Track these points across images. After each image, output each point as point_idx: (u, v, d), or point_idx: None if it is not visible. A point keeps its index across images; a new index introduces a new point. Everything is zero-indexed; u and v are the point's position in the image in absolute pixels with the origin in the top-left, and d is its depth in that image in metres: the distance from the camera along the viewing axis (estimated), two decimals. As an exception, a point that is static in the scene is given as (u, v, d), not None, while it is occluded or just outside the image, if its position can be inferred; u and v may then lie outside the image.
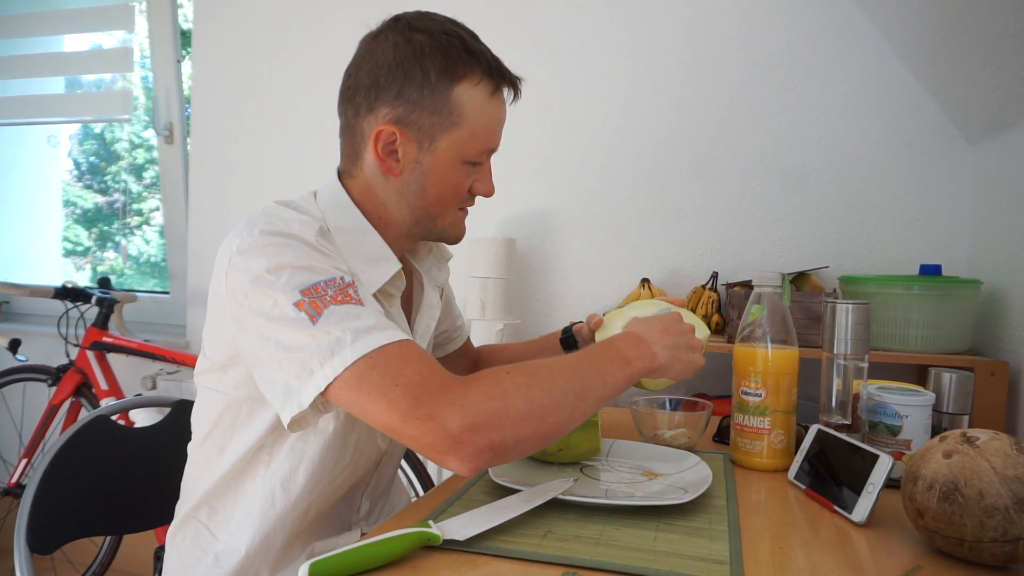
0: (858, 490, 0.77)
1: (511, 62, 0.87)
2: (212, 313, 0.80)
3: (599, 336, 1.02)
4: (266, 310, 0.71)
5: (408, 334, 0.92)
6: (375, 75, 0.82)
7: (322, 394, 0.68)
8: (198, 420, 0.88)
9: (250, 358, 0.75)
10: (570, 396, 0.72)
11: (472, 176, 0.88)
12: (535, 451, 0.72)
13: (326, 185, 0.89)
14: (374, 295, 0.86)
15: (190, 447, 0.90)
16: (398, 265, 0.87)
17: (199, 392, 0.87)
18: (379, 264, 0.85)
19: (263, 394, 0.74)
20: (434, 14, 0.85)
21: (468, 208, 0.92)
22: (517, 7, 1.97)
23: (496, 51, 0.87)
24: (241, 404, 0.82)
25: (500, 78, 0.85)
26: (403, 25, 0.82)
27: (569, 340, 1.13)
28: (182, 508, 0.90)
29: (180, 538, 0.88)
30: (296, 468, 0.83)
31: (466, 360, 1.22)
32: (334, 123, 0.90)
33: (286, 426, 0.71)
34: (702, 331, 0.99)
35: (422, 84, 0.80)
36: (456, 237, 0.93)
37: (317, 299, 0.70)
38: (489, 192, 0.90)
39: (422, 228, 0.90)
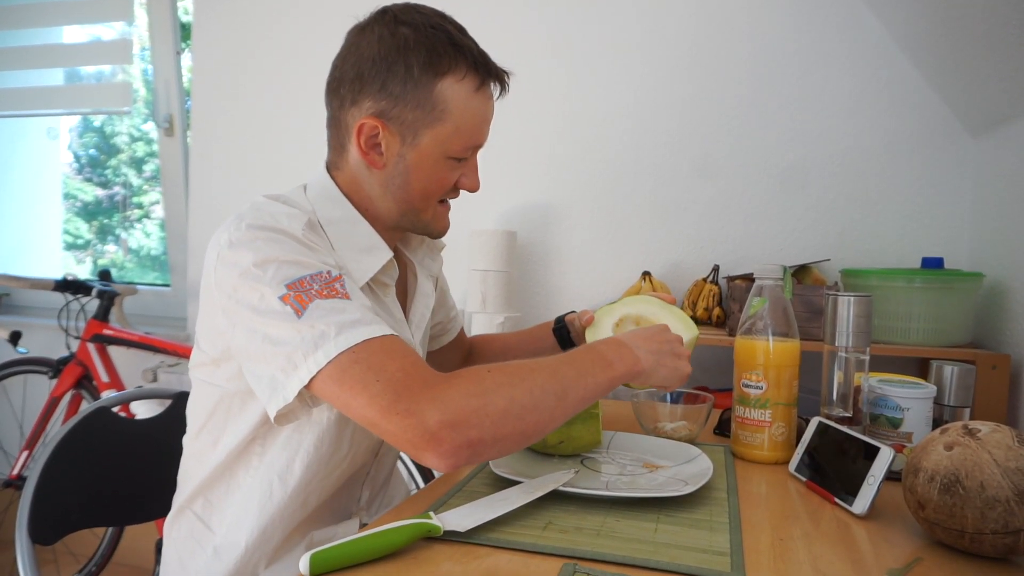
0: (859, 482, 0.77)
1: (513, 57, 0.86)
2: (204, 307, 0.80)
3: (590, 334, 1.02)
4: (253, 304, 0.71)
5: (404, 325, 0.93)
6: (359, 68, 0.81)
7: (306, 387, 0.69)
8: (193, 413, 0.89)
9: (239, 351, 0.75)
10: (550, 396, 0.72)
11: (457, 171, 0.87)
12: (515, 450, 0.72)
13: (315, 178, 0.89)
14: (368, 285, 0.86)
15: (185, 439, 0.90)
16: (389, 254, 0.87)
17: (193, 385, 0.88)
18: (371, 253, 0.86)
19: (252, 387, 0.75)
20: (422, 6, 0.84)
21: (451, 201, 0.92)
22: (521, 2, 1.97)
23: (498, 46, 0.86)
24: (233, 397, 0.82)
25: (486, 73, 0.84)
26: (389, 18, 0.82)
27: (561, 330, 1.13)
28: (177, 500, 0.90)
29: (176, 531, 0.89)
30: (292, 460, 0.83)
31: (459, 351, 1.22)
32: (333, 116, 0.90)
33: (272, 419, 0.72)
34: (690, 330, 0.98)
35: (405, 78, 0.80)
36: (440, 231, 0.93)
37: (303, 293, 0.70)
38: (474, 187, 0.90)
39: (407, 221, 0.90)
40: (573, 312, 1.15)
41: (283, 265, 0.72)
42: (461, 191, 0.91)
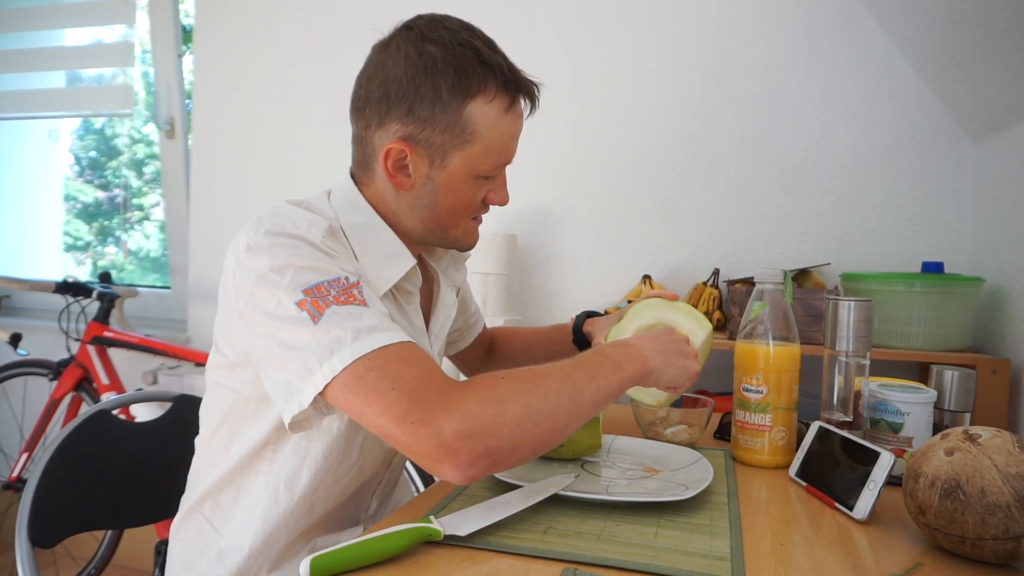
0: (859, 487, 0.77)
1: (514, 61, 0.85)
2: (222, 311, 0.80)
3: None
4: (270, 309, 0.71)
5: (424, 335, 0.92)
6: (385, 88, 0.79)
7: (321, 394, 0.68)
8: (206, 415, 0.88)
9: (256, 356, 0.74)
10: (565, 401, 0.70)
11: (486, 187, 0.86)
12: (531, 458, 0.70)
13: (340, 185, 0.88)
14: (392, 293, 0.85)
15: (197, 441, 0.90)
16: (413, 261, 0.86)
17: (208, 387, 0.87)
18: (393, 261, 0.85)
19: (268, 393, 0.74)
20: (448, 20, 0.82)
21: (482, 216, 0.91)
22: (521, 6, 1.97)
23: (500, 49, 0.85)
24: (248, 402, 0.82)
25: (516, 90, 0.82)
26: (415, 34, 0.79)
27: (582, 343, 1.13)
28: (186, 501, 0.90)
29: (183, 531, 0.89)
30: (300, 467, 0.83)
31: (481, 347, 1.23)
32: (335, 118, 0.90)
33: (287, 426, 0.71)
34: (703, 327, 0.98)
35: (433, 101, 0.78)
36: (469, 245, 0.92)
37: (319, 299, 0.70)
38: (504, 202, 0.89)
39: (435, 237, 0.89)
40: (594, 314, 1.14)
41: (300, 271, 0.72)
42: (490, 206, 0.90)
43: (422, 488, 1.69)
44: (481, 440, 0.64)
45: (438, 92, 0.78)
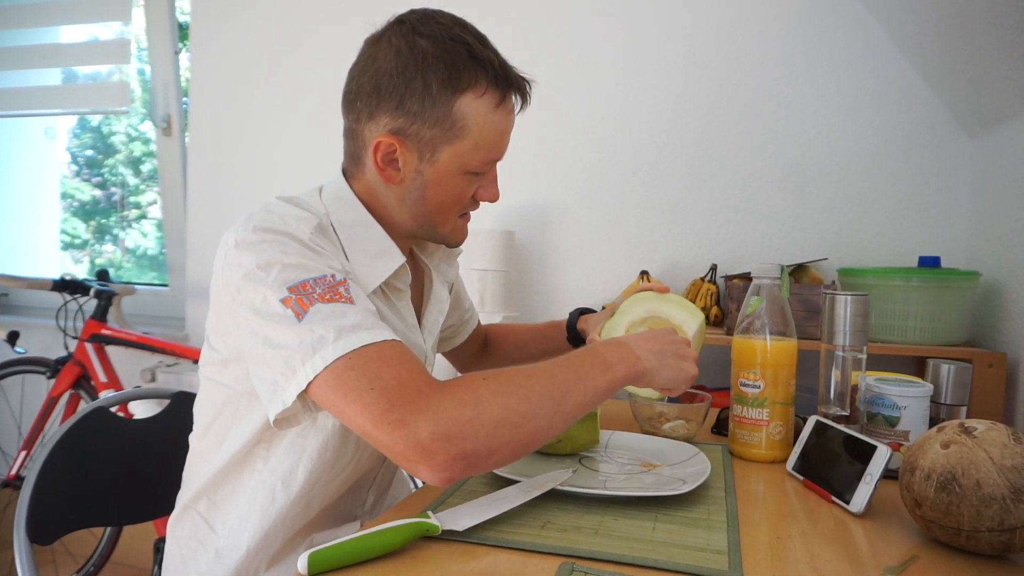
0: (856, 481, 0.78)
1: (510, 57, 0.85)
2: (214, 307, 0.80)
3: None
4: (255, 306, 0.71)
5: (417, 331, 0.93)
6: (376, 82, 0.79)
7: (305, 392, 0.68)
8: (200, 411, 0.88)
9: (244, 353, 0.75)
10: (548, 402, 0.69)
11: (475, 183, 0.86)
12: (512, 461, 0.69)
13: (331, 181, 0.88)
14: (382, 289, 0.85)
15: (192, 438, 0.90)
16: (402, 259, 0.86)
17: (201, 383, 0.87)
18: (382, 258, 0.85)
19: (256, 389, 0.74)
20: (441, 15, 0.81)
21: (471, 213, 0.91)
22: (518, 2, 1.97)
23: (497, 47, 0.85)
24: (240, 398, 0.82)
25: (507, 86, 0.82)
26: (407, 28, 0.79)
27: (576, 339, 1.13)
28: (182, 498, 0.90)
29: (179, 529, 0.89)
30: (296, 465, 0.83)
31: (475, 343, 1.23)
32: (332, 115, 0.90)
33: (272, 423, 0.71)
34: (695, 316, 0.98)
35: (423, 95, 0.78)
36: (457, 242, 0.93)
37: (304, 296, 0.70)
38: (494, 198, 0.89)
39: (424, 233, 0.89)
40: (588, 311, 1.14)
41: (286, 268, 0.72)
42: (480, 202, 0.90)
43: (419, 483, 1.69)
44: (457, 442, 0.63)
45: (428, 86, 0.78)
